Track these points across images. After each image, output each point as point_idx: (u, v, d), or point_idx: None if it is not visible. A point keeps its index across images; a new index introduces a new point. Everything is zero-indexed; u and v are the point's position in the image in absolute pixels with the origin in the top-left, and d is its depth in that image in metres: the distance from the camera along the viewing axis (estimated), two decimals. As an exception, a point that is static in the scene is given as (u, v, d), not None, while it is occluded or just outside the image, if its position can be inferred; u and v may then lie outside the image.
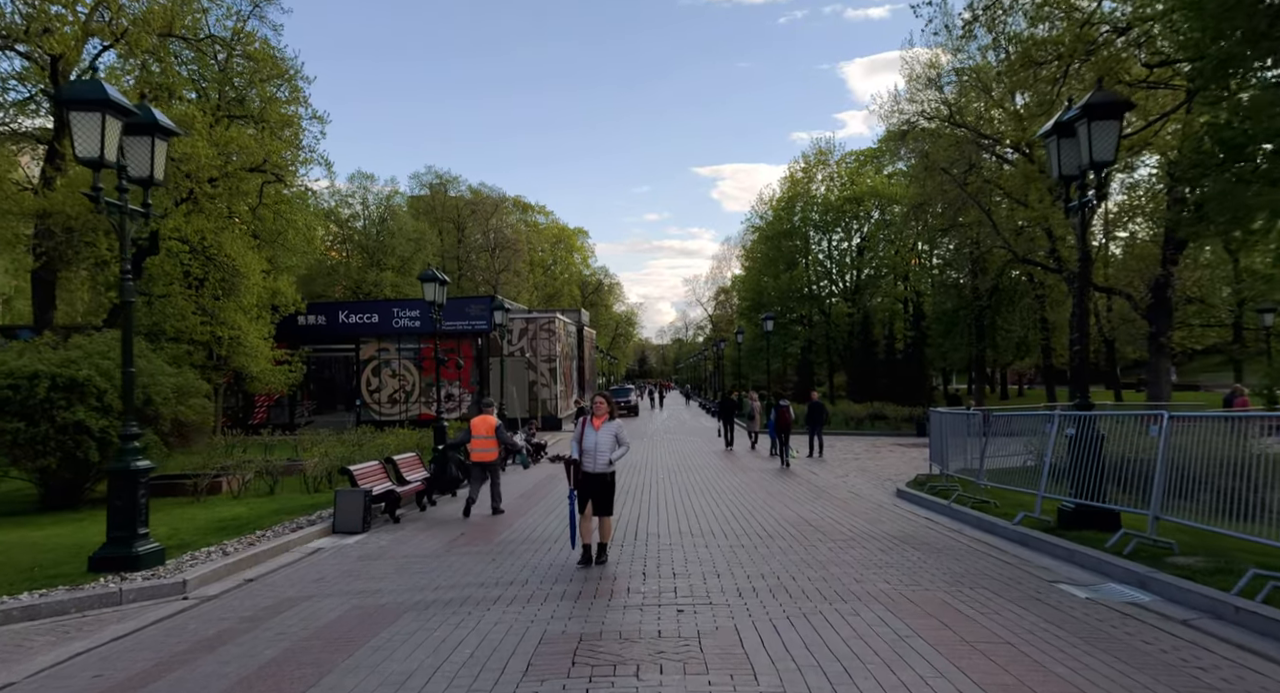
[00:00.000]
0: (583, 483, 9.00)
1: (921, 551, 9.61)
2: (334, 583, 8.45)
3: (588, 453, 9.01)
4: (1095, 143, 10.02)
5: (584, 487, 9.01)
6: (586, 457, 9.01)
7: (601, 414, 9.16)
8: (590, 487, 9.02)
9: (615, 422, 9.25)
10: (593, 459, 9.00)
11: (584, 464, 9.01)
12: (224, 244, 26.44)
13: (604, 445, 9.00)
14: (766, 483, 17.36)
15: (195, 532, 12.14)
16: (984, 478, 12.77)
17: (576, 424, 9.23)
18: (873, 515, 12.60)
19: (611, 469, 9.13)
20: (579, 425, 9.22)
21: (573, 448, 9.15)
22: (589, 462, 9.00)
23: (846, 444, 28.70)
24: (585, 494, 9.03)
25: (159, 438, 17.10)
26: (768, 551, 9.62)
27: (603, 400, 9.28)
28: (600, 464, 9.00)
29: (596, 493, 9.02)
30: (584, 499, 9.03)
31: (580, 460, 9.02)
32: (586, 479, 9.00)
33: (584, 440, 9.07)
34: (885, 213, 59.10)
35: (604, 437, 9.02)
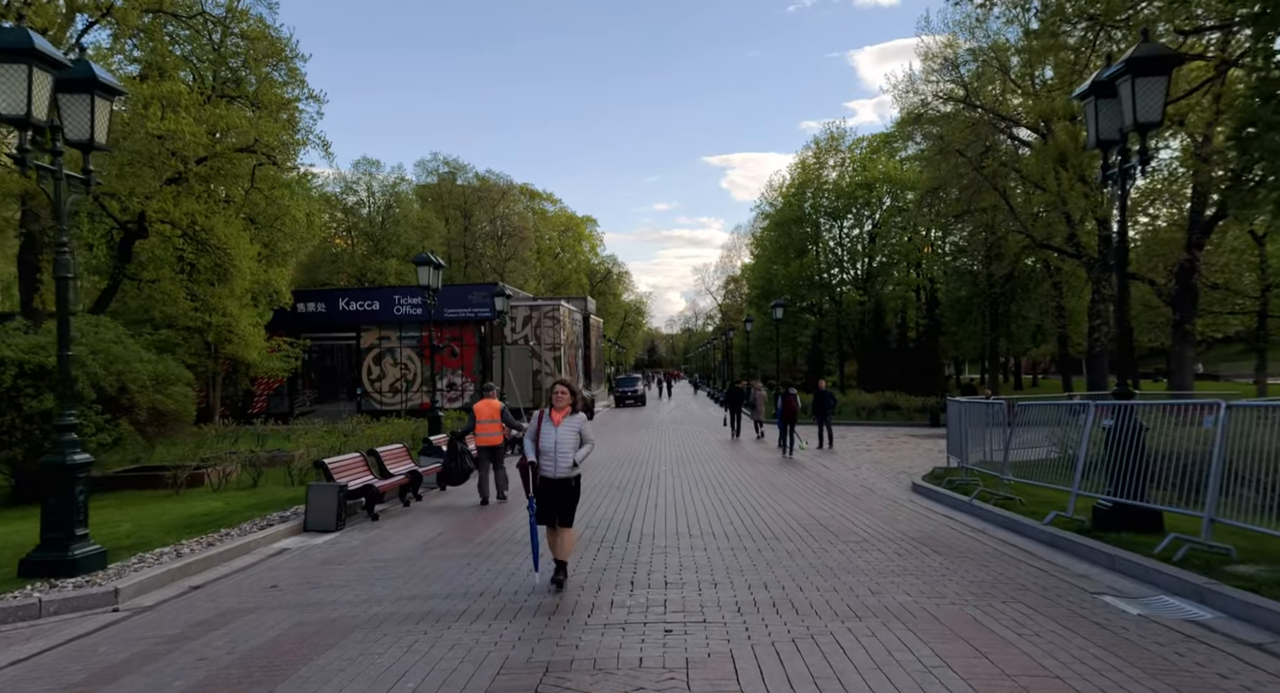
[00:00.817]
0: (541, 490, 7.62)
1: (943, 554, 8.66)
2: (285, 592, 7.56)
3: (546, 454, 7.55)
4: (1140, 102, 8.99)
5: (542, 495, 7.62)
6: (545, 458, 7.56)
7: (562, 406, 7.63)
8: (549, 494, 7.58)
9: (578, 416, 7.71)
10: (552, 461, 7.51)
11: (542, 467, 7.58)
12: (214, 228, 25.58)
13: (565, 444, 7.52)
14: (774, 477, 16.42)
15: (160, 529, 11.28)
16: (1008, 472, 11.79)
17: (532, 419, 7.78)
18: (887, 513, 11.64)
19: (575, 473, 7.65)
20: (535, 420, 7.75)
21: (528, 448, 7.67)
22: (548, 464, 7.55)
23: (858, 435, 27.71)
24: (544, 503, 7.63)
25: (134, 428, 16.29)
26: (773, 554, 8.68)
27: (564, 389, 7.72)
28: (562, 467, 7.52)
29: (556, 502, 7.57)
30: (543, 509, 7.63)
31: (538, 462, 7.60)
32: (545, 486, 7.58)
33: (541, 439, 7.60)
34: (897, 200, 57.90)
35: (565, 434, 7.54)
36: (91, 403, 15.48)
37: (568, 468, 7.53)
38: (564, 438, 7.53)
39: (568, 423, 7.57)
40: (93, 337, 16.76)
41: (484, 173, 73.61)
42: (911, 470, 17.47)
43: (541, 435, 7.58)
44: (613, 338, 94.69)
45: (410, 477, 13.85)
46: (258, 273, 28.68)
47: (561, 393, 7.69)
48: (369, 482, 12.31)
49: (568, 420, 7.58)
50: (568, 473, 7.55)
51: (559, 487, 7.55)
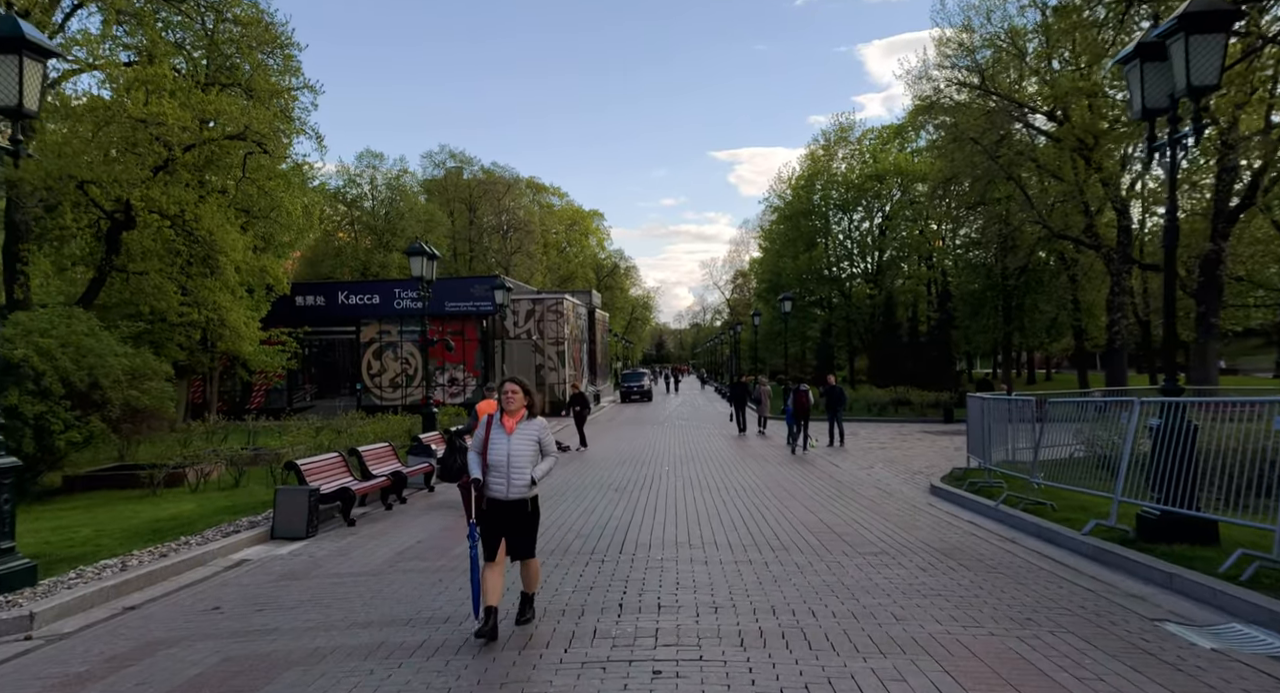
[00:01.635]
0: (488, 515, 5.96)
1: (973, 569, 7.71)
2: (226, 616, 6.66)
3: (496, 470, 5.93)
4: (1194, 63, 8.00)
5: (490, 521, 5.95)
6: (494, 475, 5.93)
7: (515, 409, 6.06)
8: (500, 521, 5.93)
9: (536, 422, 6.14)
10: (503, 479, 5.91)
11: (490, 486, 5.94)
12: (203, 218, 24.72)
13: (520, 458, 5.93)
14: (782, 477, 15.47)
15: (120, 536, 10.43)
16: (1039, 475, 10.81)
17: (479, 425, 6.21)
18: (906, 519, 10.70)
19: (532, 493, 6.03)
20: (482, 426, 6.14)
21: (471, 462, 6.09)
22: (497, 483, 5.92)
23: (870, 432, 26.73)
24: (492, 533, 5.93)
25: (106, 426, 15.45)
26: (782, 569, 7.74)
27: (515, 388, 6.09)
28: (516, 486, 5.90)
29: (510, 530, 5.95)
30: (490, 540, 5.93)
31: (484, 480, 5.97)
32: (494, 510, 5.95)
33: (490, 451, 5.97)
34: (908, 192, 56.78)
35: (520, 445, 5.95)
36: (60, 398, 14.66)
37: (523, 487, 5.93)
38: (518, 450, 5.93)
39: (523, 431, 6.02)
40: (64, 329, 15.92)
41: (489, 166, 72.76)
42: (928, 470, 16.52)
43: (490, 446, 5.98)
44: (620, 333, 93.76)
45: (393, 478, 12.95)
46: (251, 264, 27.82)
47: (513, 392, 6.07)
48: (345, 485, 11.41)
49: (523, 427, 6.03)
50: (523, 493, 5.93)
51: (512, 512, 5.93)
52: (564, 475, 16.31)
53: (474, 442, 6.21)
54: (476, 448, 6.15)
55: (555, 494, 13.58)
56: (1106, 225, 35.39)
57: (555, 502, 12.72)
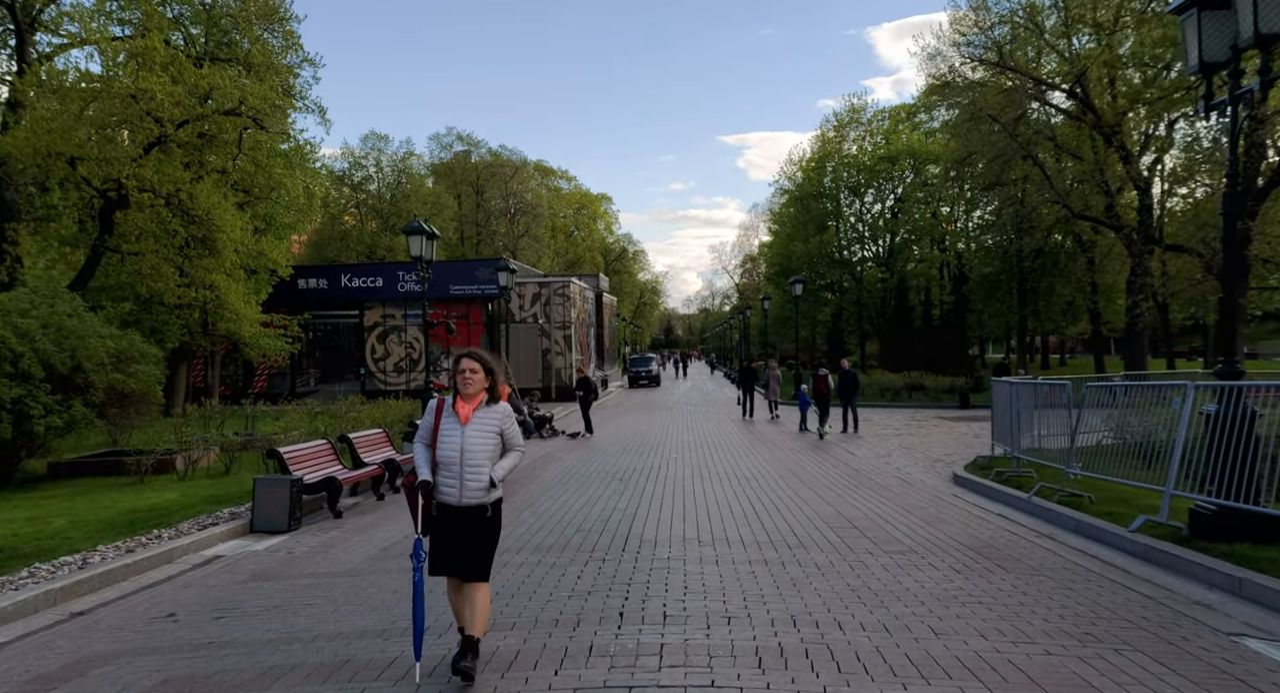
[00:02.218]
0: (438, 524, 4.86)
1: (1012, 571, 6.96)
2: (181, 625, 5.96)
3: (447, 467, 4.81)
4: (1264, 7, 7.17)
5: (439, 531, 4.85)
6: (445, 474, 4.82)
7: (473, 393, 4.90)
8: (450, 531, 4.81)
9: (499, 408, 4.96)
10: (455, 480, 4.78)
11: (440, 489, 4.83)
12: (198, 196, 24.00)
13: (478, 453, 4.80)
14: (796, 466, 14.73)
15: (93, 528, 9.79)
16: (1075, 465, 10.03)
17: (426, 411, 5.10)
18: (931, 512, 9.94)
19: (493, 497, 4.88)
20: (429, 412, 5.04)
21: (417, 456, 4.95)
22: (448, 484, 4.80)
23: (884, 418, 25.94)
24: (441, 545, 4.84)
25: (89, 410, 14.79)
26: (800, 571, 7.01)
27: (473, 366, 4.90)
28: (471, 489, 4.78)
29: (461, 543, 4.81)
30: (439, 554, 4.84)
31: (432, 481, 4.85)
32: (444, 518, 4.83)
33: (441, 444, 4.85)
34: (921, 174, 55.69)
35: (477, 436, 4.82)
36: (40, 382, 14.02)
37: (480, 490, 4.78)
38: (475, 443, 4.79)
39: (481, 420, 4.85)
40: (46, 310, 15.26)
41: (497, 149, 71.88)
42: (948, 458, 15.76)
43: (440, 439, 4.85)
44: (628, 317, 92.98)
45: (385, 466, 12.25)
46: (249, 245, 27.12)
47: (470, 371, 4.86)
48: (331, 474, 10.72)
49: (481, 415, 4.87)
50: (480, 497, 4.79)
51: (466, 519, 4.80)
52: (567, 463, 15.62)
53: (420, 432, 5.01)
54: (424, 439, 4.97)
55: (557, 483, 12.88)
56: (1125, 206, 34.46)
57: (557, 491, 12.02)
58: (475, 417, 4.90)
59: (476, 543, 4.86)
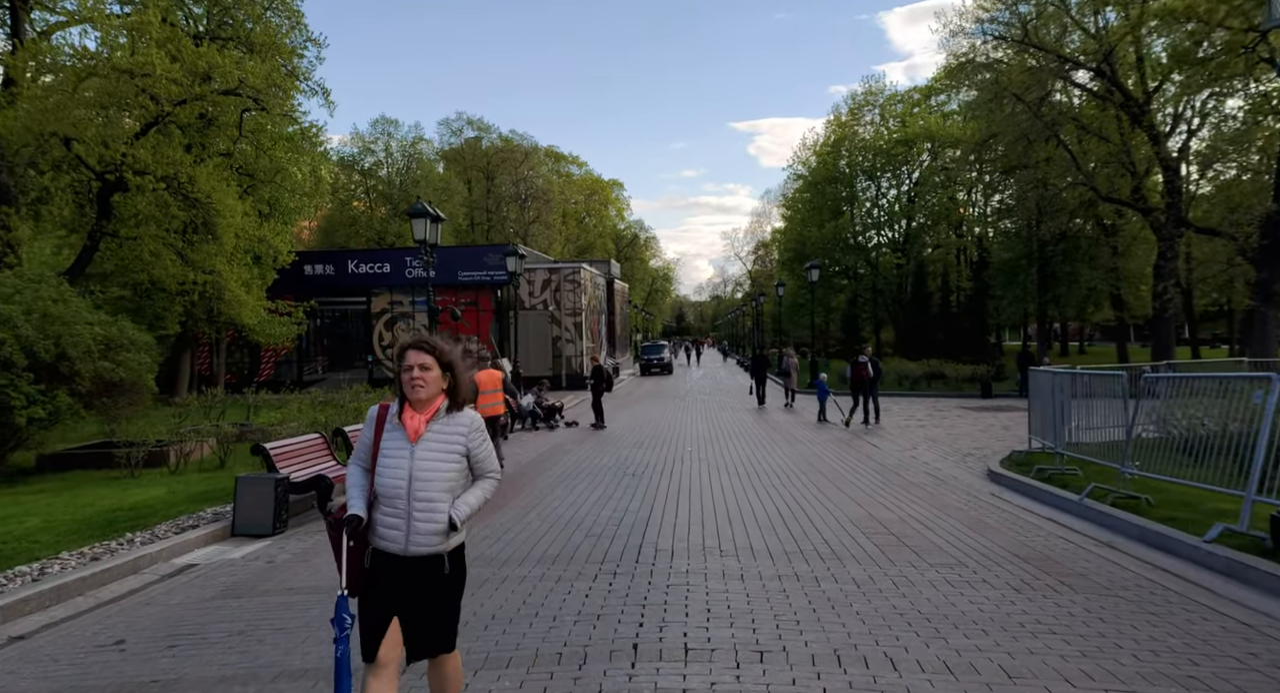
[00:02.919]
0: (374, 581, 3.52)
1: (1080, 590, 6.12)
2: (128, 655, 5.18)
3: (390, 502, 3.50)
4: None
5: (378, 591, 3.51)
6: (387, 510, 3.51)
7: (426, 397, 3.58)
8: (393, 593, 3.50)
9: (464, 417, 3.64)
10: (401, 518, 3.48)
11: (378, 531, 3.53)
12: (198, 179, 23.25)
13: (433, 481, 3.51)
14: (818, 460, 13.89)
15: (67, 529, 9.08)
16: (1132, 464, 9.15)
17: (366, 422, 3.71)
18: (971, 515, 9.10)
19: (451, 543, 3.56)
20: (369, 424, 3.67)
21: (350, 484, 3.66)
22: (391, 524, 3.50)
23: (903, 408, 25.05)
24: (379, 612, 3.48)
25: (74, 400, 14.08)
26: (838, 589, 6.19)
27: (423, 360, 3.57)
28: (423, 532, 3.48)
29: (411, 608, 3.51)
30: (375, 624, 3.47)
31: (368, 519, 3.56)
32: (385, 572, 3.50)
33: (382, 468, 3.55)
34: (938, 158, 54.48)
35: (431, 458, 3.54)
36: (23, 370, 13.31)
37: (435, 534, 3.46)
38: (429, 467, 3.50)
39: (439, 434, 3.56)
40: (30, 295, 14.54)
41: (507, 134, 70.93)
42: (979, 452, 14.90)
43: (381, 461, 3.54)
44: (640, 305, 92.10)
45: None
46: (251, 230, 26.39)
47: (420, 369, 3.53)
48: (322, 471, 9.94)
49: (439, 429, 3.57)
50: (435, 544, 3.47)
51: (415, 576, 3.47)
52: (577, 456, 14.83)
53: (356, 450, 3.73)
54: (360, 461, 3.69)
55: (566, 479, 12.09)
56: (1149, 189, 33.40)
57: (566, 489, 11.24)
58: (430, 431, 3.53)
59: (434, 607, 3.49)
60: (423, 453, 3.52)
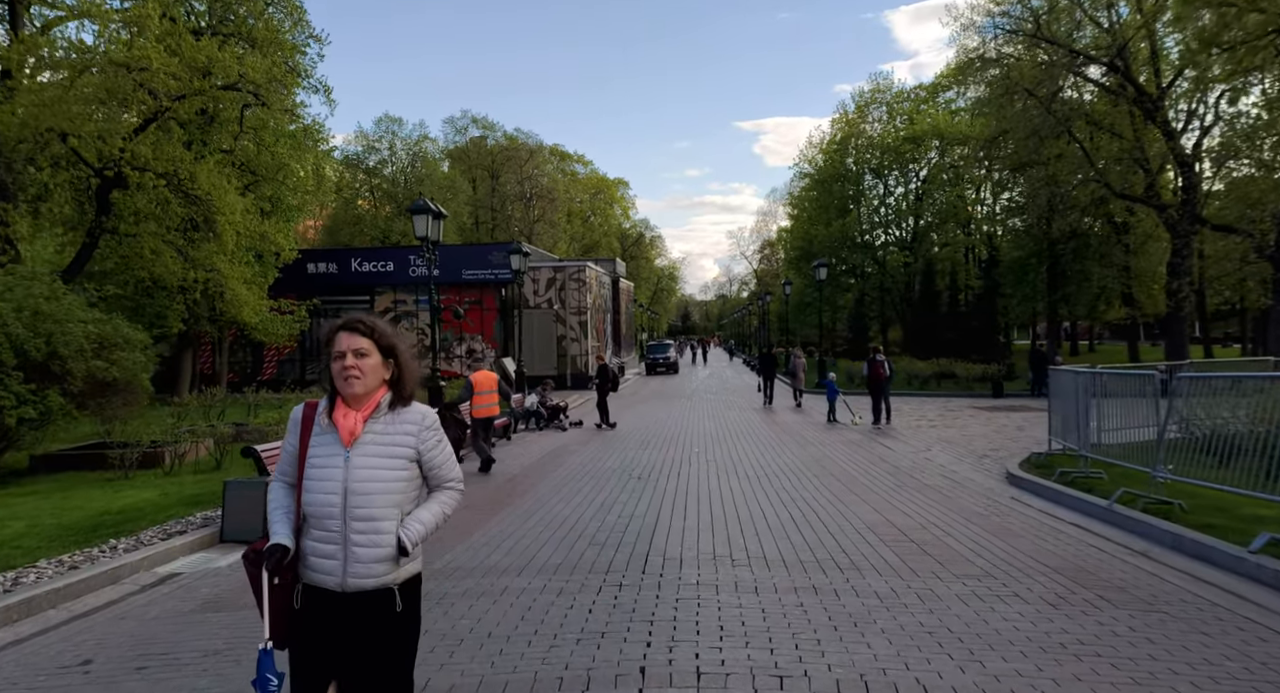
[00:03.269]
0: (308, 624, 2.83)
1: (1121, 605, 5.69)
2: (92, 678, 4.78)
3: (320, 523, 2.82)
4: None
5: (312, 636, 2.82)
6: (318, 535, 2.82)
7: (363, 390, 2.88)
8: (330, 637, 2.81)
9: (413, 413, 2.96)
10: (337, 543, 2.80)
11: (308, 561, 2.84)
12: (198, 176, 22.91)
13: (375, 494, 2.82)
14: (830, 462, 13.48)
15: (48, 535, 8.72)
16: (1164, 468, 8.71)
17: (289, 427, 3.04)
18: (996, 522, 8.68)
19: (405, 573, 2.88)
20: (293, 430, 3.00)
21: (271, 506, 2.99)
22: (324, 553, 2.81)
23: (914, 407, 24.62)
24: (314, 661, 2.82)
25: (66, 400, 13.72)
26: (860, 604, 5.77)
27: (360, 345, 2.88)
28: (365, 560, 2.79)
29: (355, 656, 2.81)
30: (308, 678, 2.82)
31: (298, 549, 2.86)
32: (319, 611, 2.82)
33: (309, 482, 2.86)
34: (947, 155, 53.94)
35: (372, 465, 2.85)
36: (13, 370, 12.97)
37: (380, 562, 2.82)
38: (369, 477, 2.84)
39: (381, 436, 2.90)
40: (22, 292, 14.19)
41: (512, 132, 70.62)
42: (994, 453, 14.48)
43: (308, 472, 2.88)
44: (645, 304, 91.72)
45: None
46: (251, 227, 26.05)
47: (355, 355, 2.87)
48: (315, 474, 9.55)
49: (382, 429, 2.92)
50: (381, 576, 2.82)
51: (357, 617, 2.82)
52: (582, 458, 14.44)
53: (281, 461, 3.04)
54: (284, 474, 3.02)
55: (570, 481, 11.69)
56: (1162, 187, 32.93)
57: (570, 492, 10.84)
58: (369, 432, 2.86)
59: (376, 661, 2.80)
60: (360, 460, 2.82)
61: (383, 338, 2.95)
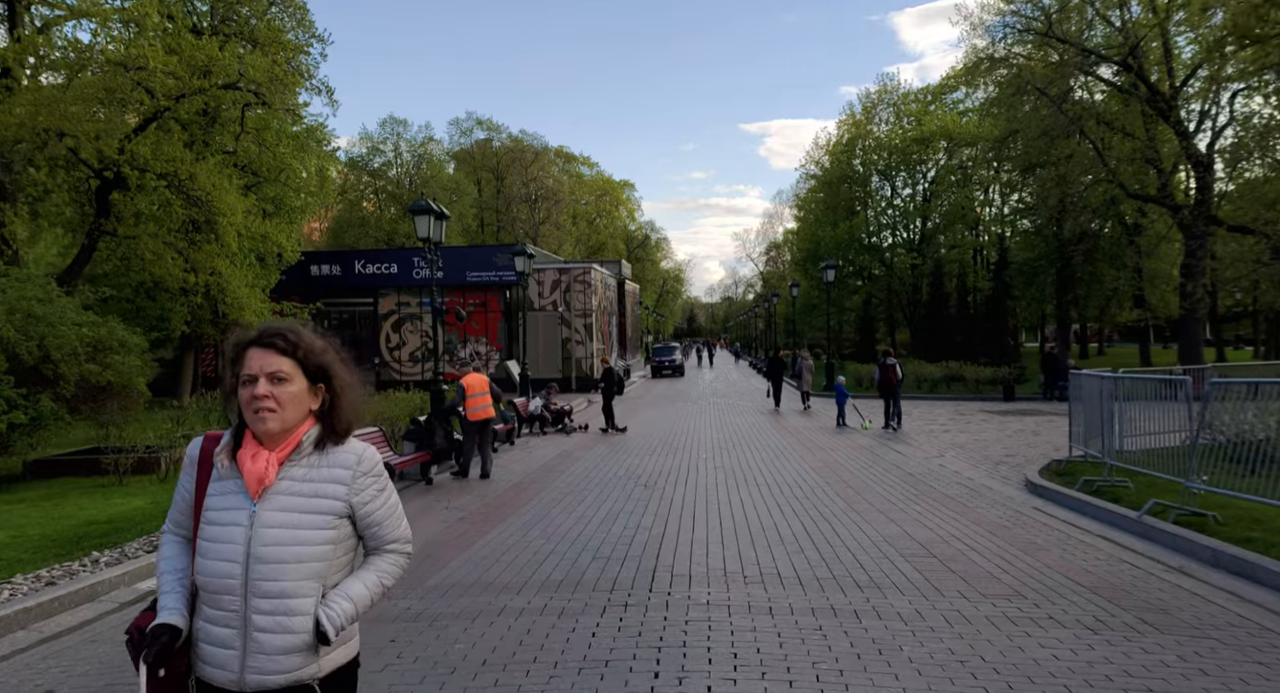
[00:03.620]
0: None
1: (1165, 629, 5.28)
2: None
3: (214, 595, 2.14)
4: None
5: None
6: (211, 612, 2.15)
7: (279, 427, 2.18)
8: None
9: (350, 451, 2.26)
10: (236, 625, 2.12)
11: (200, 646, 2.16)
12: (198, 177, 22.60)
13: (287, 562, 2.12)
14: (842, 469, 13.07)
15: (31, 546, 8.39)
16: (1198, 479, 8.27)
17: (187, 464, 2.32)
18: (1020, 535, 8.27)
19: (330, 663, 2.20)
20: (188, 472, 2.30)
21: (162, 570, 2.27)
22: (216, 636, 2.13)
23: (924, 411, 24.20)
24: None
25: (57, 404, 13.41)
26: (882, 628, 5.37)
27: (278, 367, 2.18)
28: (274, 649, 2.12)
29: None
30: None
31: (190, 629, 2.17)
32: None
33: (205, 539, 2.17)
34: (954, 157, 53.50)
35: (286, 519, 2.15)
36: (4, 374, 12.67)
37: (291, 651, 2.13)
38: (281, 535, 2.14)
39: (303, 481, 2.20)
40: (14, 294, 13.89)
41: (517, 134, 70.41)
42: (1011, 460, 14.05)
43: (204, 529, 2.19)
44: (651, 306, 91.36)
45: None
46: (253, 227, 25.74)
47: (273, 380, 2.17)
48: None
49: (303, 472, 2.21)
50: (291, 671, 2.13)
51: None
52: (586, 464, 14.05)
53: (174, 506, 2.34)
54: (177, 526, 2.33)
55: (574, 490, 11.30)
56: (1174, 187, 32.49)
57: (573, 501, 10.45)
58: (285, 479, 2.19)
59: None
60: (271, 516, 2.13)
61: (310, 356, 2.24)
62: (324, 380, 2.28)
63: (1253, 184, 30.61)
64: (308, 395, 2.24)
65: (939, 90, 56.43)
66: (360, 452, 2.28)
